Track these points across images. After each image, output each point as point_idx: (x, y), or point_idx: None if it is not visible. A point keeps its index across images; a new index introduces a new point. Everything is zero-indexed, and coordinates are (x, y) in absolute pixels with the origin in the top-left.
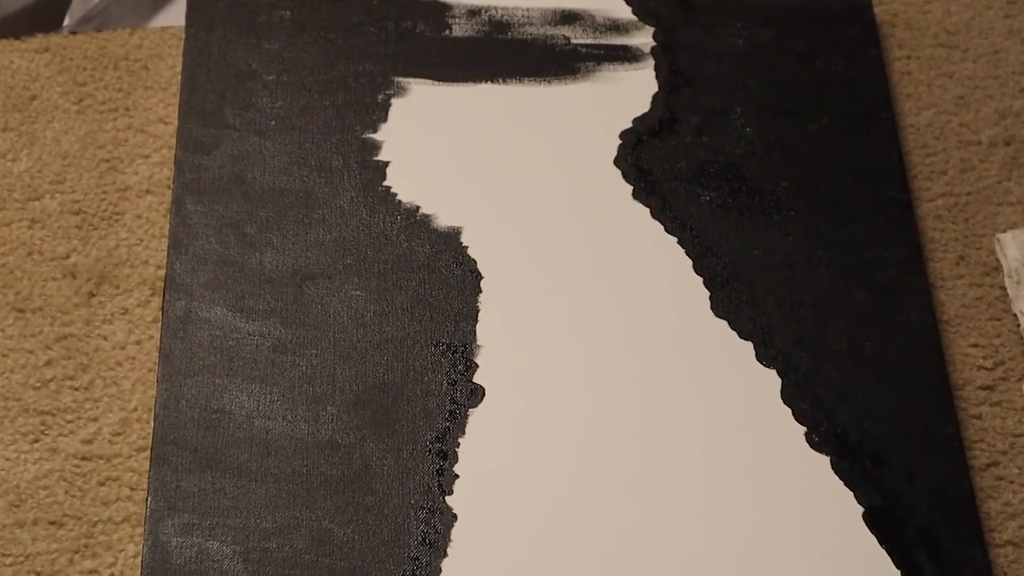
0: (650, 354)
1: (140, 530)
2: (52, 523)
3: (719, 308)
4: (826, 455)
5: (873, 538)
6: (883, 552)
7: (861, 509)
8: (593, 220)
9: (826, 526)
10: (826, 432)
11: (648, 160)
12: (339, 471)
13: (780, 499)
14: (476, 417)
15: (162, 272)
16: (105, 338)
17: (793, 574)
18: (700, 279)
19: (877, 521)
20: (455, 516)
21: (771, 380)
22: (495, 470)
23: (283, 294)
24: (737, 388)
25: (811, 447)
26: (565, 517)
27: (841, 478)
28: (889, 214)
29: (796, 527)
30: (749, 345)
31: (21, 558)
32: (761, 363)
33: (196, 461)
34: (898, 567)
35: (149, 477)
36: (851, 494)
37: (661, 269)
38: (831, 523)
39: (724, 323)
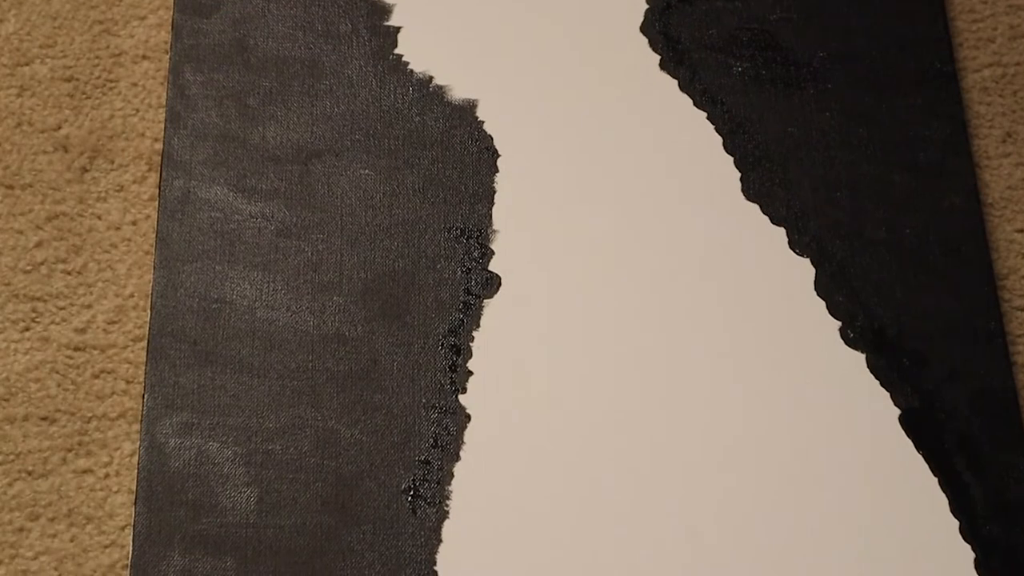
0: (675, 241)
1: (136, 427)
2: (44, 419)
3: (750, 191)
4: (861, 352)
5: (909, 443)
6: (919, 458)
7: (897, 411)
8: (617, 93)
9: (860, 430)
10: (862, 327)
11: (677, 27)
12: (346, 367)
13: (811, 400)
14: (491, 308)
15: (159, 146)
16: (99, 217)
17: (824, 481)
18: (730, 158)
19: (914, 424)
20: (468, 417)
21: (804, 270)
22: (512, 366)
23: (287, 173)
24: (768, 278)
25: (846, 343)
26: (586, 415)
27: (877, 377)
28: (932, 87)
29: (828, 430)
30: (781, 231)
31: (12, 456)
32: (794, 251)
33: (195, 355)
34: (935, 474)
35: (146, 372)
36: (887, 395)
37: (689, 147)
38: (865, 426)
39: (755, 207)
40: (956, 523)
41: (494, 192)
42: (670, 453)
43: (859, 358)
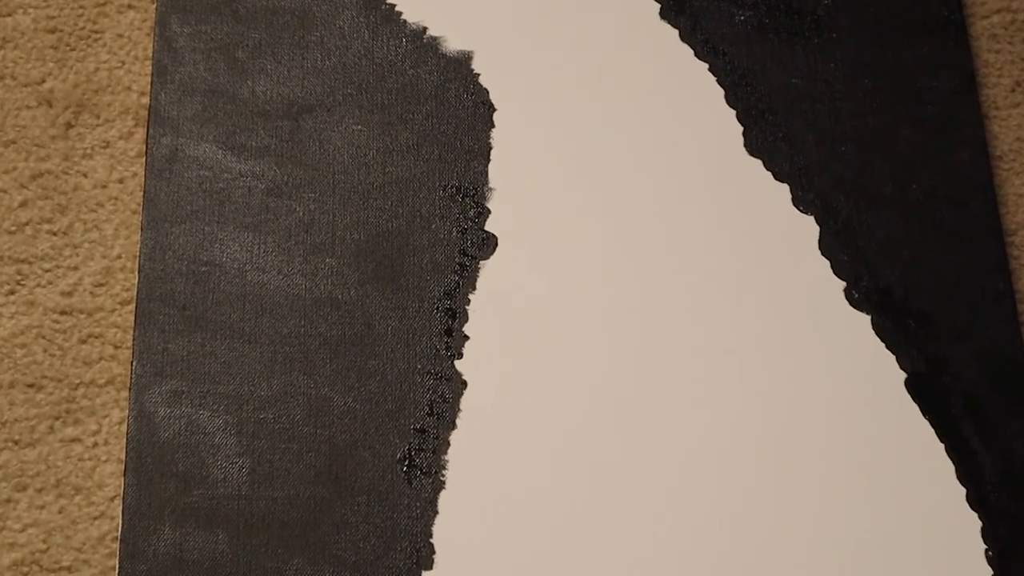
0: (678, 196)
1: (125, 394)
2: (30, 386)
3: (753, 145)
4: (866, 313)
5: (915, 407)
6: (925, 423)
7: (903, 375)
8: (616, 43)
9: (865, 394)
10: (867, 287)
11: None
12: (339, 332)
13: (814, 363)
14: (488, 270)
15: (145, 100)
16: (85, 175)
17: (828, 448)
18: (732, 112)
19: (920, 388)
20: (464, 383)
21: (808, 228)
22: (509, 330)
23: (278, 129)
24: (771, 236)
25: (850, 304)
26: (585, 380)
27: (882, 340)
28: (940, 36)
29: (831, 395)
30: (785, 188)
31: None
32: (797, 208)
33: (184, 320)
34: (941, 440)
35: (134, 339)
36: (893, 358)
37: (690, 99)
38: (870, 391)
39: (758, 162)
40: (963, 491)
41: (490, 148)
42: (670, 415)
43: (864, 320)
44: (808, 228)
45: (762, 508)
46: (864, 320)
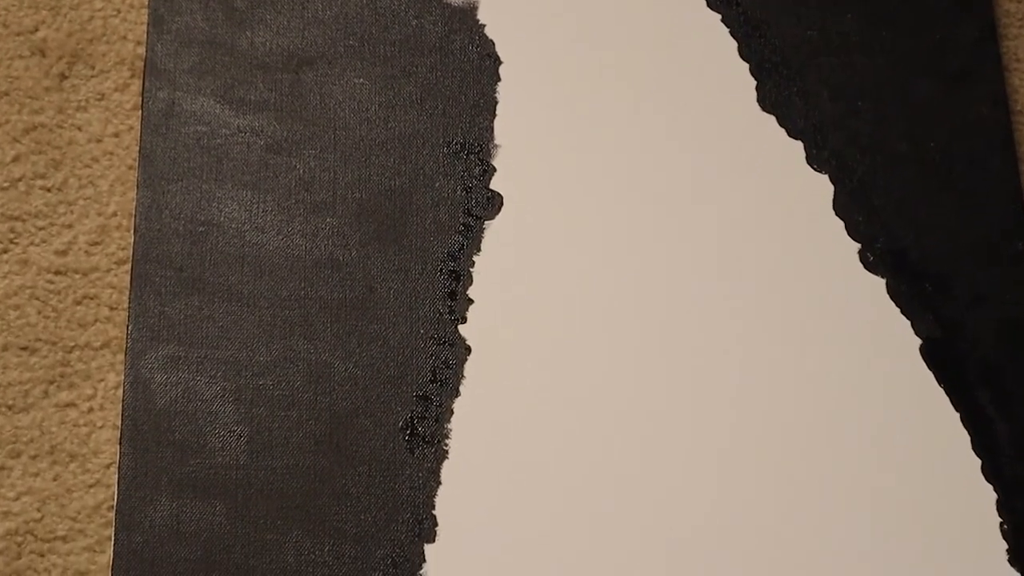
0: (690, 153)
1: (121, 357)
2: (24, 349)
3: (766, 101)
4: (881, 277)
5: (930, 375)
6: (941, 391)
7: (918, 341)
8: None
9: (878, 360)
10: (882, 250)
11: None
12: (340, 295)
13: (827, 328)
14: (493, 230)
15: (141, 50)
16: (79, 129)
17: (840, 416)
18: (746, 65)
19: (936, 355)
20: (469, 349)
21: (822, 187)
22: (514, 294)
23: (278, 82)
24: (783, 196)
25: (865, 267)
26: (594, 345)
27: (897, 304)
28: None
29: (844, 361)
30: (799, 145)
31: None
32: (811, 166)
33: (181, 282)
34: (957, 409)
35: (130, 301)
36: (907, 323)
37: (702, 51)
38: (884, 357)
39: (771, 119)
40: (978, 462)
41: (496, 103)
42: (681, 380)
43: (879, 283)
44: (822, 187)
45: (771, 476)
46: (879, 284)
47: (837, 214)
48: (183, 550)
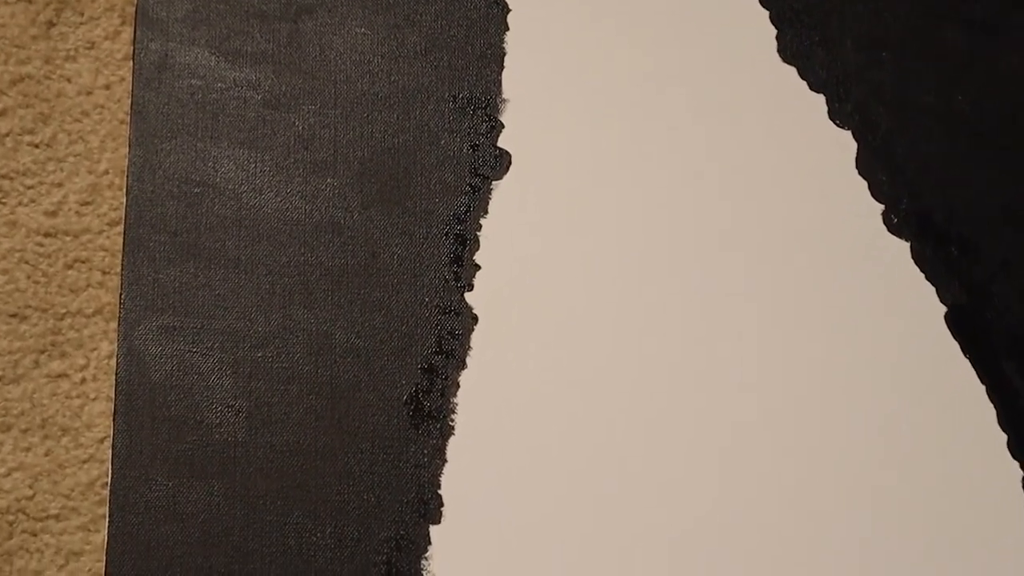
0: (704, 107)
1: (114, 325)
2: (13, 316)
3: (787, 51)
4: (905, 240)
5: (955, 344)
6: (966, 362)
7: (943, 308)
8: None
9: (901, 329)
10: (907, 211)
11: None
12: (341, 260)
13: (848, 295)
14: (501, 191)
15: None
16: (69, 80)
17: (860, 387)
18: (765, 13)
19: (961, 323)
20: (476, 318)
21: (845, 143)
22: (524, 259)
23: (275, 32)
24: (804, 153)
25: (888, 230)
26: (610, 311)
27: (922, 270)
28: None
29: (865, 328)
30: (820, 99)
31: None
32: (834, 122)
33: (176, 247)
34: (982, 380)
35: (123, 268)
36: (932, 290)
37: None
38: (907, 325)
39: (792, 70)
40: (1004, 437)
41: (504, 54)
42: (697, 349)
43: (903, 247)
44: (845, 144)
45: (789, 450)
46: (903, 248)
47: (860, 174)
48: (180, 531)
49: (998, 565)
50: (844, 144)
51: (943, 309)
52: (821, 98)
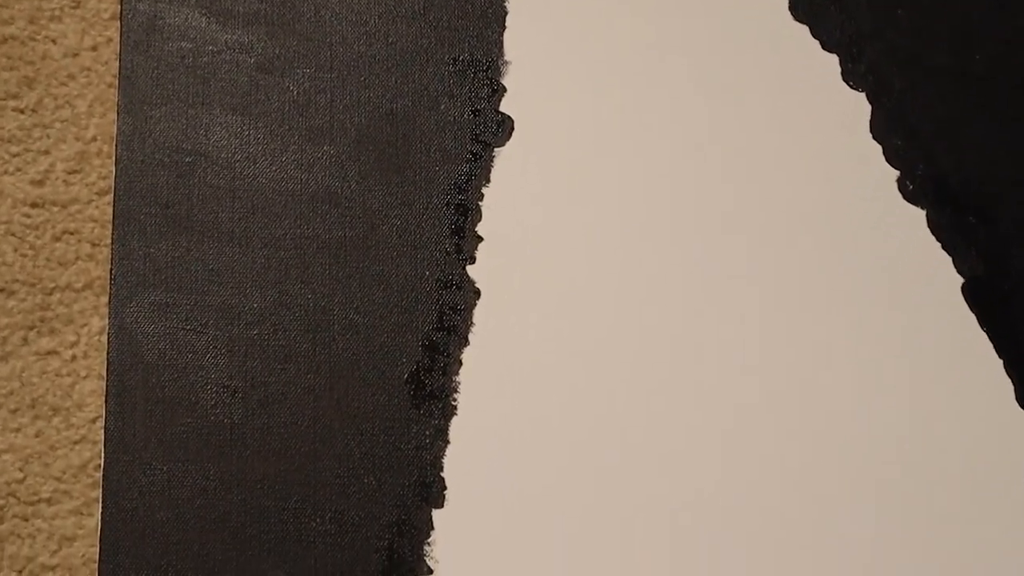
0: (713, 68)
1: (104, 299)
2: (1, 291)
3: (799, 9)
4: (921, 208)
5: (972, 317)
6: (983, 335)
7: (960, 279)
8: None
9: (916, 300)
10: (923, 177)
11: None
12: (338, 232)
13: (860, 265)
14: (503, 159)
15: None
16: (54, 41)
17: (872, 362)
18: None
19: (978, 295)
20: (478, 292)
21: (859, 106)
22: (527, 230)
23: None
24: (816, 116)
25: (904, 197)
26: (617, 283)
27: (938, 239)
28: None
29: (878, 300)
30: (834, 59)
31: None
32: (847, 83)
33: (167, 220)
34: (1000, 354)
35: (113, 242)
36: (949, 260)
37: None
38: (922, 297)
39: (804, 29)
40: (1022, 415)
41: (506, 13)
42: (707, 321)
43: (918, 216)
44: (859, 107)
45: (801, 423)
46: (918, 216)
47: (874, 137)
48: (176, 516)
49: (1014, 539)
50: (857, 106)
51: (960, 279)
52: (834, 58)
